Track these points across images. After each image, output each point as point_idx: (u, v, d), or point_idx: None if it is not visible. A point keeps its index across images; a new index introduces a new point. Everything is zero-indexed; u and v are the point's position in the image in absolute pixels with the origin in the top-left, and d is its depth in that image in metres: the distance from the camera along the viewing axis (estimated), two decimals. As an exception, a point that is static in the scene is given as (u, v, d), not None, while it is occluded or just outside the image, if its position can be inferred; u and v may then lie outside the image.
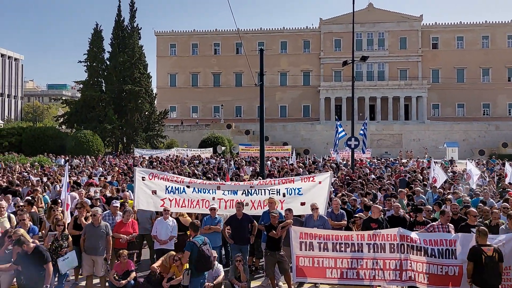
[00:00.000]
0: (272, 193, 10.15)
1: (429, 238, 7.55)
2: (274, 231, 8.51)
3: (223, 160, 29.80)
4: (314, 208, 9.41)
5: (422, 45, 68.17)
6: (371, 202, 10.96)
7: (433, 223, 8.62)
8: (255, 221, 9.51)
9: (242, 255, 8.75)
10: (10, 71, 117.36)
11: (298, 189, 10.30)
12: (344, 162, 28.27)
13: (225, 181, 14.25)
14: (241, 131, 56.77)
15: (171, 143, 46.89)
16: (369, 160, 30.74)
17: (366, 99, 64.73)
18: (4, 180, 16.53)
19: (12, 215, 9.74)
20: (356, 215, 9.93)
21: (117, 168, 22.64)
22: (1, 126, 54.37)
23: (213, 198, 9.94)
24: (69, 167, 18.02)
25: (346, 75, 61.39)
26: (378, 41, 69.08)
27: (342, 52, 67.27)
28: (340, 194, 12.69)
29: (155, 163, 26.17)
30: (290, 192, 10.26)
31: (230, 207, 10.00)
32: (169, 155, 33.60)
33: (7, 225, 9.27)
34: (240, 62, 66.85)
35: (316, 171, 21.16)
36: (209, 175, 18.59)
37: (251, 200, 9.98)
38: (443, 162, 29.68)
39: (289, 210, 9.22)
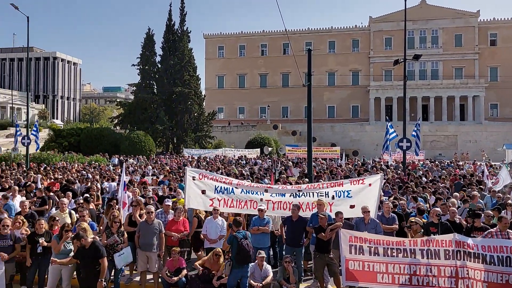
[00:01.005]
0: (320, 196, 10.04)
1: (488, 245, 7.16)
2: (323, 233, 8.44)
3: (269, 161, 29.88)
4: (365, 211, 9.23)
5: (479, 42, 64.75)
6: (426, 206, 10.57)
7: (491, 229, 8.18)
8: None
9: (296, 258, 8.74)
10: (70, 75, 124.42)
11: (347, 191, 10.12)
12: (396, 164, 27.43)
13: (270, 182, 14.30)
14: (287, 132, 56.64)
15: (218, 144, 47.69)
16: (422, 162, 29.63)
17: (418, 99, 62.46)
18: (64, 178, 17.54)
19: (72, 211, 10.34)
20: (412, 220, 9.61)
21: (167, 168, 23.34)
22: (61, 127, 57.71)
23: (261, 199, 9.99)
24: (125, 166, 18.78)
25: (397, 74, 59.52)
26: (432, 38, 66.43)
27: (393, 51, 65.36)
28: (392, 197, 12.33)
29: (203, 163, 26.73)
30: (339, 195, 10.09)
31: (278, 209, 10.01)
32: (217, 155, 34.18)
33: (68, 221, 9.82)
34: (287, 62, 66.74)
35: (366, 173, 20.66)
36: (256, 176, 18.70)
37: (299, 202, 9.93)
38: (502, 165, 28.01)
39: (339, 212, 9.09)
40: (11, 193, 12.15)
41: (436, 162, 31.41)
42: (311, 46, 62.20)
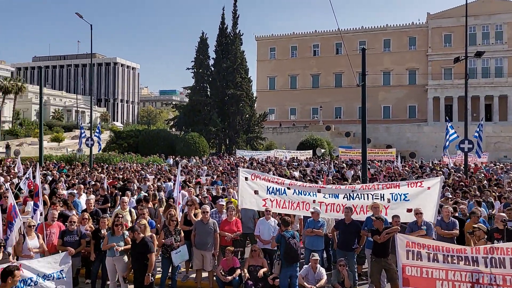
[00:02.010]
0: (375, 198, 9.76)
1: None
2: (378, 236, 8.24)
3: (322, 163, 29.52)
4: (417, 212, 8.93)
5: (550, 36, 60.09)
6: (490, 211, 9.98)
7: None
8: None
9: (349, 262, 8.60)
10: (129, 79, 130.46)
11: (404, 194, 9.76)
12: (456, 167, 26.10)
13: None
14: (340, 133, 55.67)
15: (270, 145, 47.86)
16: (485, 165, 27.97)
17: (481, 98, 59.02)
18: (124, 177, 18.42)
19: (133, 210, 10.82)
20: (475, 226, 9.11)
21: (221, 168, 23.78)
22: (121, 129, 60.61)
23: (314, 201, 9.89)
24: (180, 167, 19.36)
25: (458, 73, 56.59)
26: (495, 34, 62.49)
27: (453, 48, 62.21)
28: (453, 201, 11.75)
29: (255, 164, 26.94)
30: (396, 198, 9.76)
31: (330, 211, 9.86)
32: (268, 156, 34.30)
33: (128, 219, 10.32)
34: (340, 62, 65.65)
35: (424, 175, 19.84)
36: (309, 178, 18.56)
37: (353, 205, 9.72)
38: None
39: (396, 216, 8.81)
40: (76, 191, 12.96)
41: (501, 165, 29.49)
42: (365, 45, 60.77)
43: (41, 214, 9.79)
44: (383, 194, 9.81)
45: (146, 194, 12.49)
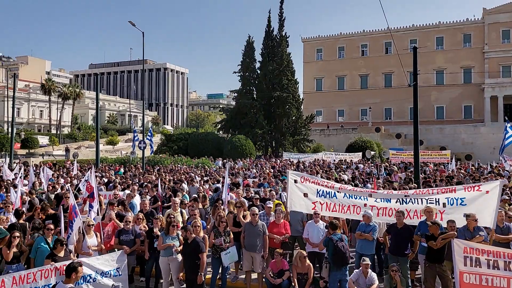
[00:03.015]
0: (430, 203, 9.41)
1: None
2: (433, 242, 7.92)
3: (372, 165, 28.80)
4: (470, 217, 8.54)
5: None
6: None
7: None
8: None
9: (401, 267, 8.34)
10: (178, 84, 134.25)
11: (461, 199, 9.33)
12: (516, 169, 24.51)
13: (373, 188, 13.78)
14: (391, 135, 54.07)
15: (317, 147, 47.33)
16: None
17: (544, 96, 55.21)
18: (174, 179, 18.93)
19: (183, 210, 11.10)
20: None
21: (267, 171, 23.83)
22: (171, 132, 62.48)
23: (365, 205, 9.68)
24: (228, 169, 19.63)
25: (518, 70, 53.31)
26: (560, 27, 58.28)
27: (512, 44, 58.74)
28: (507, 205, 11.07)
29: (302, 167, 26.75)
30: (452, 202, 9.35)
31: (382, 215, 9.61)
32: (316, 159, 33.95)
33: (179, 219, 10.58)
34: (390, 62, 63.84)
35: (482, 179, 18.81)
36: (358, 181, 18.17)
37: (406, 209, 9.42)
38: None
39: (452, 221, 8.44)
40: (131, 192, 13.48)
41: None
42: (416, 43, 58.84)
43: (97, 214, 10.30)
44: (438, 199, 9.46)
45: (196, 196, 12.77)
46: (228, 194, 12.20)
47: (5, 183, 15.32)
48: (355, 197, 9.92)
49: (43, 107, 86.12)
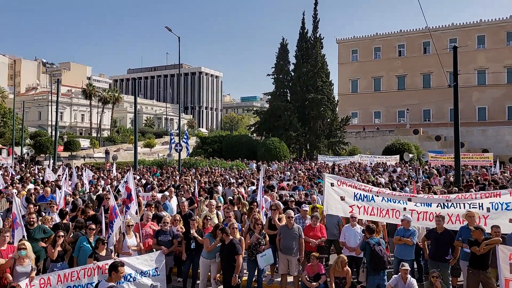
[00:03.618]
0: (473, 207, 9.07)
1: None
2: (476, 247, 7.62)
3: (410, 169, 28.05)
4: None
5: None
6: None
7: None
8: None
9: (442, 273, 8.06)
10: (212, 87, 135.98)
11: (506, 203, 8.96)
12: None
13: (412, 192, 13.42)
14: (430, 137, 52.51)
15: (353, 150, 46.62)
16: None
17: None
18: (210, 181, 19.15)
19: (219, 212, 11.20)
20: None
21: (302, 174, 23.67)
22: (206, 135, 63.31)
23: (404, 209, 9.44)
24: (262, 171, 19.65)
25: None
26: None
27: (561, 41, 55.75)
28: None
29: (337, 170, 26.40)
30: (496, 207, 8.98)
31: (423, 220, 9.34)
32: (352, 162, 33.44)
33: (216, 221, 10.68)
34: (429, 62, 62.08)
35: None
36: (396, 184, 17.73)
37: (447, 214, 9.11)
38: None
39: (496, 226, 8.09)
40: (168, 194, 13.74)
41: None
42: (456, 42, 56.93)
43: (136, 213, 10.54)
44: (482, 203, 9.13)
45: (232, 198, 12.86)
46: (262, 197, 12.19)
47: (49, 184, 15.97)
48: (394, 201, 9.70)
49: (84, 111, 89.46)
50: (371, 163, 32.56)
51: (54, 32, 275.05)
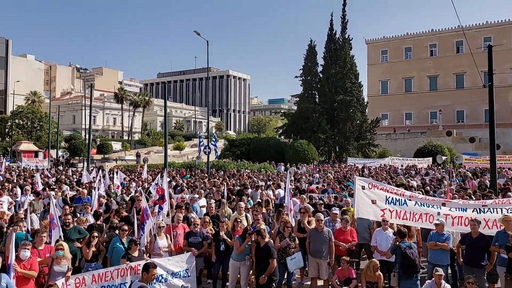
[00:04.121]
0: (511, 212, 8.73)
1: None
2: (514, 253, 7.33)
3: (443, 171, 27.27)
4: None
5: None
6: None
7: None
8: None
9: (478, 279, 7.78)
10: (240, 90, 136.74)
11: None
12: None
13: (446, 196, 13.04)
14: (463, 139, 50.94)
15: (383, 152, 45.77)
16: None
17: None
18: (238, 183, 19.22)
19: (248, 215, 11.21)
20: None
21: (331, 176, 23.42)
22: (234, 137, 63.67)
23: (438, 213, 9.18)
24: (290, 174, 19.57)
25: None
26: None
27: None
28: None
29: (367, 172, 25.96)
30: None
31: (458, 224, 9.06)
32: (383, 164, 32.82)
33: (245, 223, 10.70)
34: (462, 62, 60.33)
35: None
36: (429, 187, 17.25)
37: (484, 218, 8.80)
38: None
39: (536, 232, 7.75)
40: (197, 195, 13.87)
41: None
42: (491, 41, 55.06)
43: (167, 215, 10.69)
44: (521, 208, 8.73)
45: (260, 200, 12.85)
46: (290, 199, 12.13)
47: (83, 186, 16.43)
48: (428, 205, 9.46)
49: (116, 115, 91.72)
50: (402, 166, 31.86)
51: (87, 39, 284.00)
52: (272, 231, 10.32)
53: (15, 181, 19.65)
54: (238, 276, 8.74)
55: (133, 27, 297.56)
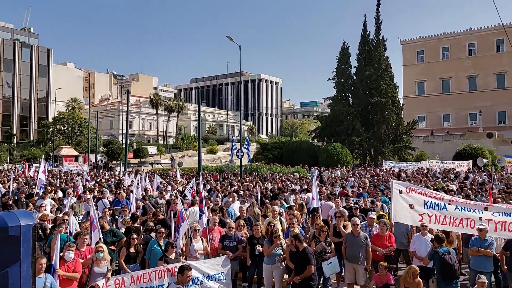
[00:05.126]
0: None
1: None
2: None
3: (484, 175, 26.23)
4: None
5: None
6: None
7: None
8: None
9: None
10: (272, 93, 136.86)
11: None
12: None
13: (488, 201, 12.52)
14: (506, 141, 48.83)
15: (420, 155, 44.54)
16: None
17: None
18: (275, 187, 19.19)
19: (282, 218, 11.19)
20: None
21: (365, 180, 23.00)
22: (266, 141, 63.79)
23: (480, 218, 8.81)
24: (318, 178, 19.35)
25: None
26: None
27: None
28: None
29: (404, 176, 25.32)
30: None
31: (501, 230, 8.67)
32: (420, 167, 31.93)
33: (279, 227, 10.67)
34: (503, 61, 58.03)
35: None
36: (470, 191, 16.62)
37: (531, 223, 8.38)
38: None
39: None
40: (231, 199, 13.96)
41: None
42: (535, 38, 52.54)
43: (207, 221, 10.81)
44: None
45: (294, 204, 12.78)
46: (320, 203, 12.02)
47: (121, 190, 16.87)
48: (469, 210, 9.09)
49: (152, 120, 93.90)
50: (440, 169, 30.88)
51: (124, 46, 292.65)
52: (307, 235, 10.24)
53: (57, 184, 20.46)
54: (274, 279, 8.71)
55: (167, 34, 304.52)
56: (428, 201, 9.32)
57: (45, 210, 11.75)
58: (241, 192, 15.75)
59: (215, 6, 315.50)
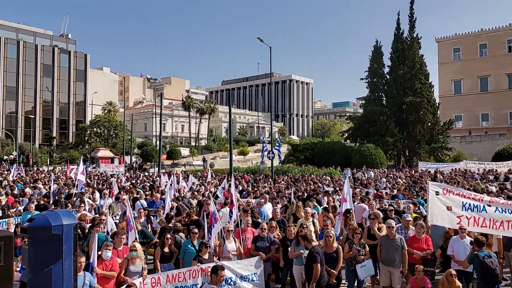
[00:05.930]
0: None
1: None
2: None
3: (527, 176, 25.08)
4: None
5: None
6: None
7: None
8: None
9: None
10: (303, 94, 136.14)
11: None
12: None
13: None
14: (549, 140, 46.54)
15: (457, 156, 43.15)
16: None
17: None
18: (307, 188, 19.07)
19: (315, 220, 11.09)
20: None
21: (401, 182, 22.48)
22: (297, 142, 63.45)
23: (523, 220, 8.44)
24: (352, 179, 19.06)
25: None
26: None
27: None
28: None
29: (440, 177, 24.56)
30: None
31: (546, 233, 8.27)
32: (457, 168, 30.91)
33: (312, 229, 10.58)
34: (545, 56, 55.21)
35: None
36: (510, 194, 15.92)
37: None
38: None
39: None
40: (263, 200, 13.98)
41: None
42: None
43: (234, 222, 10.88)
44: None
45: (327, 206, 12.65)
46: (354, 205, 11.83)
47: (155, 190, 17.22)
48: (510, 211, 8.72)
49: (184, 122, 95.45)
50: (478, 170, 29.77)
51: (156, 50, 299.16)
52: (341, 238, 10.12)
53: (94, 185, 21.11)
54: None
55: (198, 37, 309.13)
56: (466, 202, 9.00)
57: (83, 210, 12.16)
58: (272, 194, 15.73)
59: (245, 8, 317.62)
